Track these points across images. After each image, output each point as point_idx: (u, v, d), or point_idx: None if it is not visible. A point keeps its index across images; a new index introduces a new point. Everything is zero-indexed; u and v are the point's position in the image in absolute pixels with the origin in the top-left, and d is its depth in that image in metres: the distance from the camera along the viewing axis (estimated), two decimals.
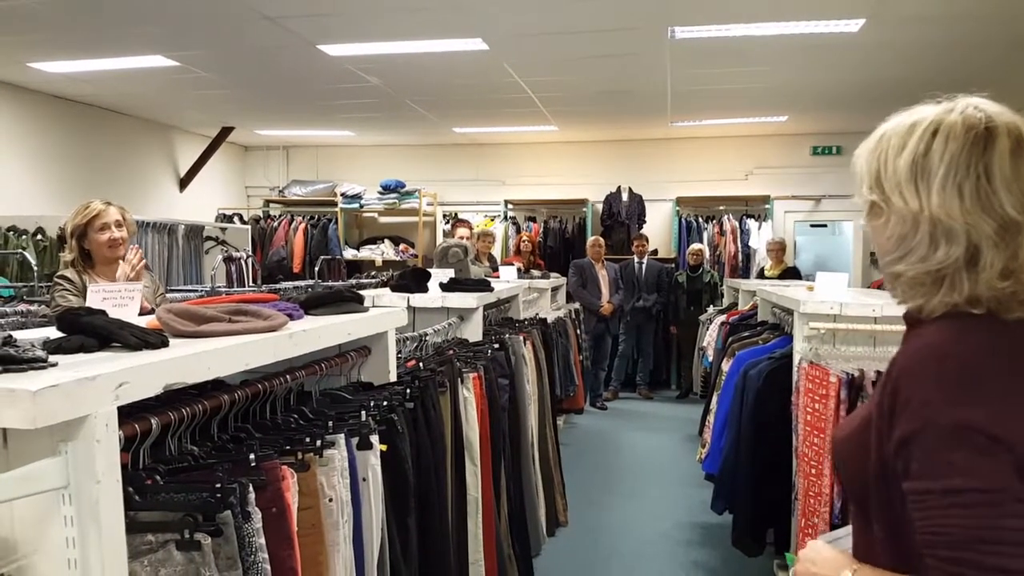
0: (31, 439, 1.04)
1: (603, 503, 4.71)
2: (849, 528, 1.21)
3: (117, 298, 1.81)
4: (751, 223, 8.72)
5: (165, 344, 1.35)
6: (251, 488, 1.28)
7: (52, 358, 1.20)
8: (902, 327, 1.17)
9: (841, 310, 2.78)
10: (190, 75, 6.19)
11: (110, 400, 1.10)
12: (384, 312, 2.06)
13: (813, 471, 2.72)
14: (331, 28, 4.95)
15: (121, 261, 3.01)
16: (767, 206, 8.78)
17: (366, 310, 2.00)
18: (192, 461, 1.37)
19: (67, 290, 2.72)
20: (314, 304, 1.90)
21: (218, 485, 1.23)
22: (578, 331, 6.60)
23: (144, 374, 1.19)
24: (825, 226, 9.13)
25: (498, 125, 8.43)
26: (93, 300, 1.81)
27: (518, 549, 3.09)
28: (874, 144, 1.08)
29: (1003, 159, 0.98)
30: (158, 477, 1.28)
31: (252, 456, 1.34)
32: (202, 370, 1.32)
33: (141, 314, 2.28)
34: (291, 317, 1.76)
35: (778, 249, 7.83)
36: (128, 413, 1.32)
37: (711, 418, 4.10)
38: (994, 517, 0.89)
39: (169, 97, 7.14)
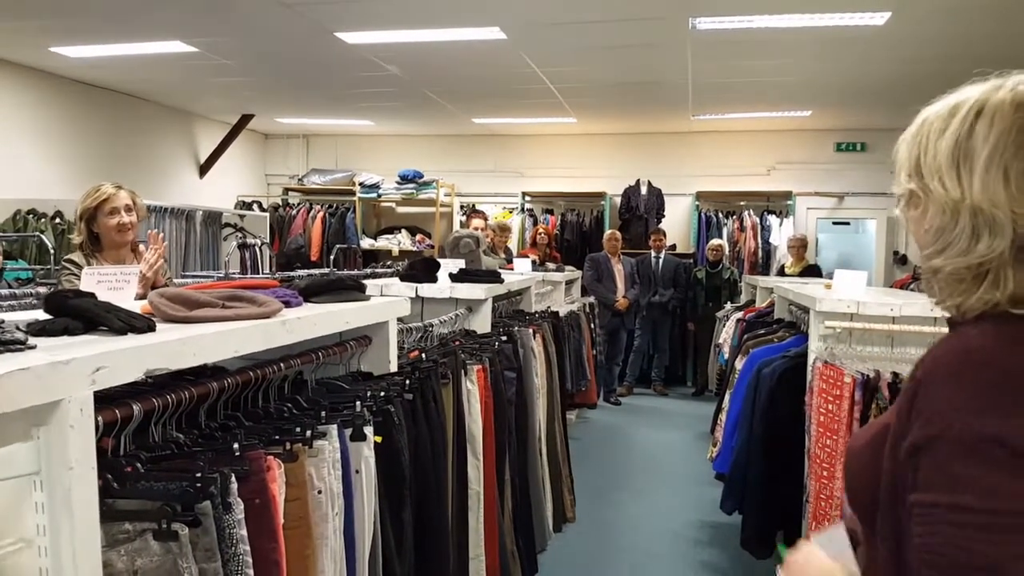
0: (2, 423, 1.01)
1: (612, 500, 4.66)
2: (842, 526, 1.12)
3: (112, 281, 1.79)
4: (772, 219, 8.59)
5: (151, 328, 1.31)
6: (233, 478, 1.24)
7: (33, 340, 1.17)
8: (921, 327, 1.08)
9: (858, 309, 2.70)
10: (209, 62, 6.19)
11: (86, 385, 1.08)
12: (385, 301, 2.02)
13: (825, 473, 2.65)
14: (348, 15, 4.91)
15: (133, 252, 3.00)
16: (789, 202, 8.65)
17: (367, 299, 1.96)
18: (176, 449, 1.34)
19: (73, 274, 2.71)
20: (313, 292, 1.87)
21: (198, 474, 1.20)
22: (592, 325, 6.54)
23: (124, 359, 1.16)
24: (848, 224, 8.97)
25: (517, 116, 8.38)
26: (87, 283, 1.78)
27: (522, 544, 3.05)
28: (916, 129, 0.99)
29: None
30: (139, 465, 1.24)
31: (236, 445, 1.31)
32: (187, 356, 1.29)
33: (154, 287, 2.25)
34: (288, 304, 1.72)
35: (799, 246, 7.71)
36: (114, 398, 1.30)
37: (723, 416, 4.04)
38: (1006, 544, 0.78)
39: (189, 83, 7.16)
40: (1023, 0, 4.33)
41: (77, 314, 1.31)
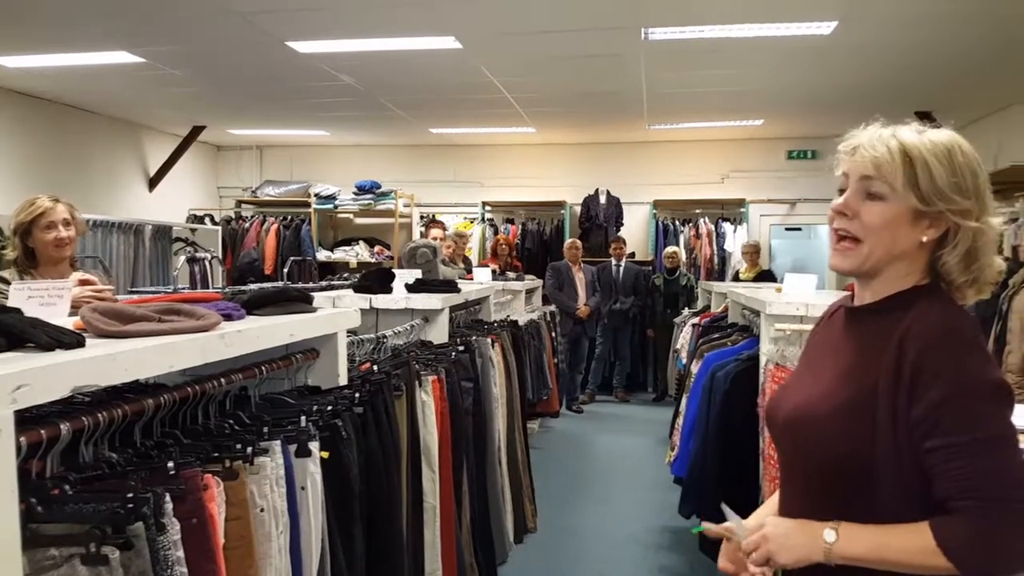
0: None
1: (574, 508, 4.65)
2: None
3: (44, 296, 1.72)
4: (727, 226, 8.73)
5: (81, 344, 1.26)
6: (168, 497, 1.20)
7: None
8: None
9: (807, 311, 2.73)
10: (157, 72, 6.07)
11: (5, 404, 1.02)
12: (334, 313, 1.98)
13: (778, 474, 2.67)
14: (298, 24, 4.86)
15: (72, 268, 2.89)
16: (742, 209, 8.79)
17: (314, 310, 1.92)
18: (107, 469, 1.29)
19: (2, 293, 2.60)
20: (257, 304, 1.82)
21: (129, 495, 1.15)
22: (553, 334, 6.54)
23: (49, 376, 1.10)
24: (800, 230, 9.14)
25: (475, 126, 8.37)
26: (16, 298, 1.70)
27: (482, 557, 3.01)
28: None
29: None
30: (67, 487, 1.19)
31: (171, 464, 1.26)
32: (119, 372, 1.24)
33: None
34: (230, 317, 1.68)
35: (753, 252, 7.83)
36: (43, 417, 1.24)
37: (680, 420, 4.05)
38: (1018, 456, 1.11)
39: (136, 95, 7.01)
40: (965, 10, 4.44)
41: (1, 330, 1.25)
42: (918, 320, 1.19)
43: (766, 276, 7.54)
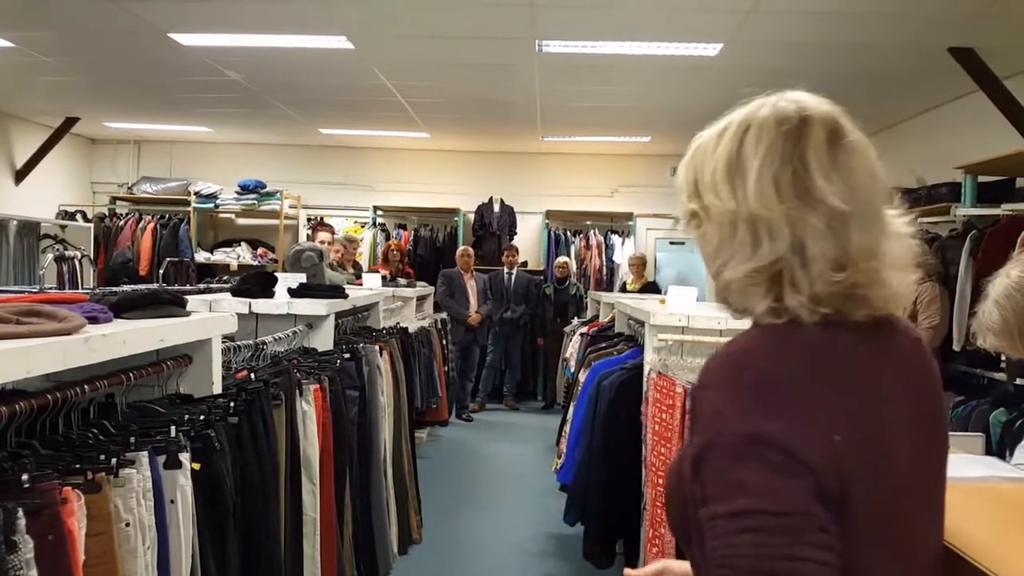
0: None
1: (460, 517, 4.63)
2: None
3: None
4: (615, 238, 8.99)
5: None
6: (20, 513, 1.11)
7: None
8: None
9: (688, 322, 2.85)
10: (27, 59, 5.66)
11: None
12: (207, 317, 1.89)
13: (660, 481, 2.76)
14: (181, 15, 4.64)
15: None
16: (631, 223, 9.07)
17: (187, 314, 1.83)
18: None
19: None
20: (126, 307, 1.72)
21: None
22: (444, 341, 6.52)
23: None
24: (684, 244, 9.50)
25: (368, 128, 8.25)
26: None
27: (364, 570, 2.96)
28: (691, 153, 1.03)
29: (818, 149, 0.92)
30: None
31: (25, 476, 1.17)
32: None
33: None
34: (95, 320, 1.58)
35: (639, 264, 8.09)
36: None
37: (568, 428, 4.13)
38: (789, 545, 0.76)
39: (3, 81, 6.50)
40: (839, 39, 4.73)
41: None
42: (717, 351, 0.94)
43: (651, 288, 7.80)
